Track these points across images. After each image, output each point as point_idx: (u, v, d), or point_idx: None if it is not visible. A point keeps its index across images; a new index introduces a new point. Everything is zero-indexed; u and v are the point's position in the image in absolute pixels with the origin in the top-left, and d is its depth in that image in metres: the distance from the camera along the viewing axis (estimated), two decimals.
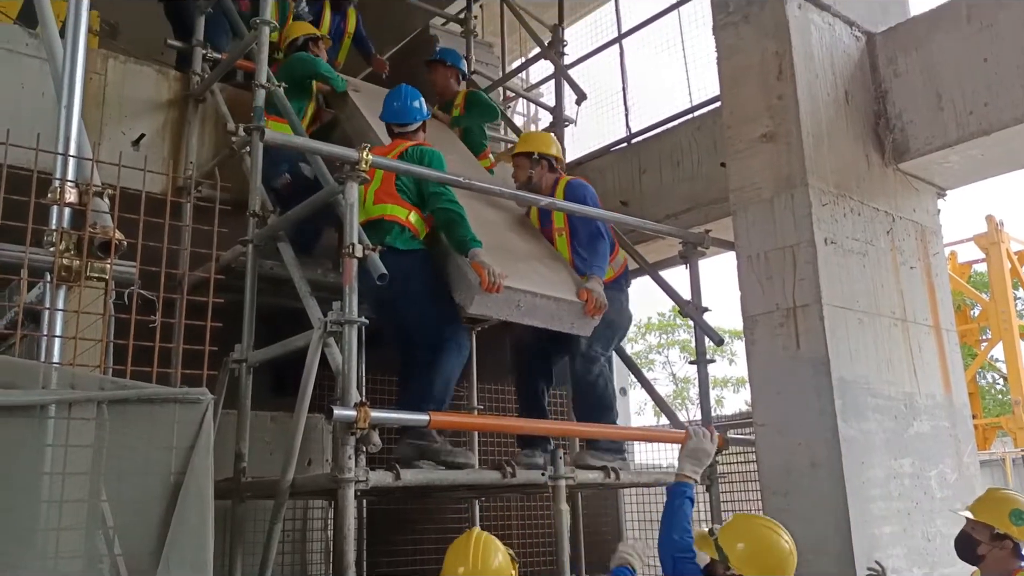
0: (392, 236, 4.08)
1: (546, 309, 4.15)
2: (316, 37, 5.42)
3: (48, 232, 2.40)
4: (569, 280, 4.40)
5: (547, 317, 4.18)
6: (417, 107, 4.53)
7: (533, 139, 5.22)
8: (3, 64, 4.56)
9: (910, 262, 4.49)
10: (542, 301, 4.12)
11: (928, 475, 4.21)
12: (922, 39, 4.45)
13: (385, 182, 4.20)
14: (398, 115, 4.50)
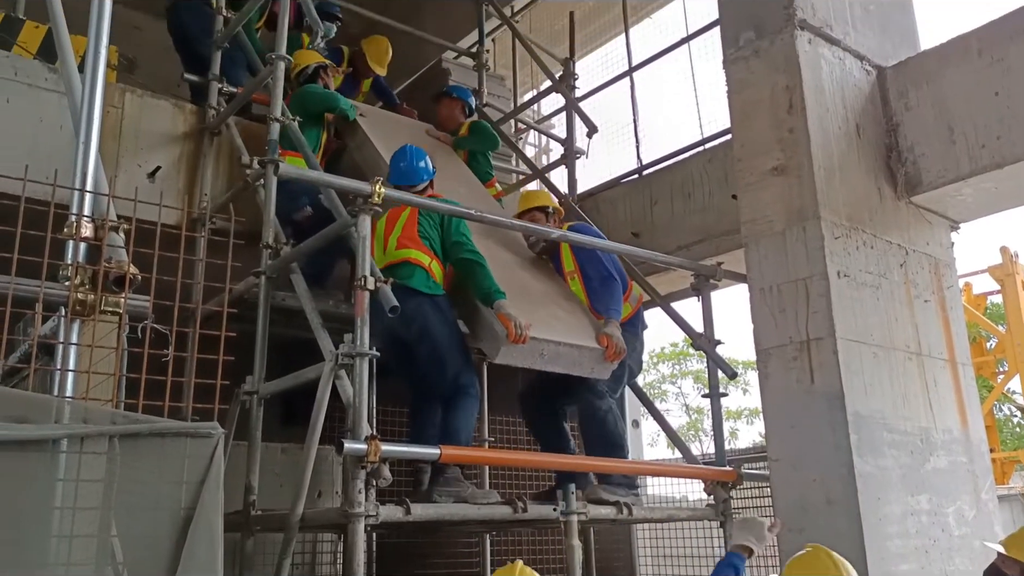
0: (415, 279, 4.14)
1: (568, 356, 4.23)
2: (326, 65, 5.48)
3: (64, 267, 2.42)
4: (588, 324, 4.47)
5: (569, 364, 4.26)
6: (423, 167, 4.62)
7: (532, 196, 5.30)
8: (22, 98, 4.63)
9: (924, 295, 4.46)
10: (565, 349, 4.21)
11: (946, 512, 4.15)
12: (933, 73, 4.46)
13: (407, 228, 4.29)
14: (406, 176, 4.56)
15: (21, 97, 4.63)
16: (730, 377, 4.75)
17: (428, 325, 4.08)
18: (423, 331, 4.07)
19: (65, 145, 4.44)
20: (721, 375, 4.83)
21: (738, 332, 5.31)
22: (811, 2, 4.35)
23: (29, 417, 2.20)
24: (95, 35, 2.97)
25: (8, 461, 2.16)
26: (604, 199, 6.45)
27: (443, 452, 3.64)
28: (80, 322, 2.41)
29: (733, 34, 4.51)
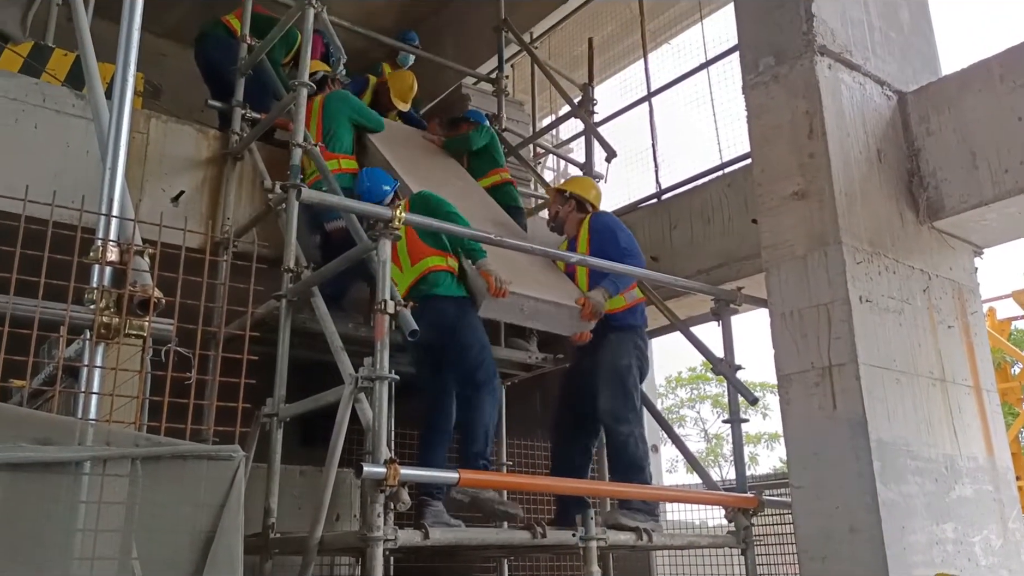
0: (442, 286, 4.36)
1: (547, 313, 4.56)
2: (333, 77, 5.60)
3: (89, 290, 2.45)
4: (568, 288, 4.78)
5: (548, 321, 4.62)
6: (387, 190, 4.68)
7: (573, 181, 5.57)
8: (50, 124, 4.71)
9: (948, 321, 4.41)
10: (543, 306, 4.53)
11: (972, 541, 4.07)
12: (954, 98, 4.44)
13: (411, 240, 4.40)
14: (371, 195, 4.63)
15: (49, 123, 4.72)
16: (751, 403, 4.72)
17: (458, 321, 4.31)
18: (453, 328, 4.29)
19: (91, 170, 4.51)
20: (741, 400, 4.80)
21: (756, 354, 5.29)
22: (831, 28, 4.36)
23: (53, 439, 2.22)
24: (123, 63, 3.02)
25: (32, 483, 2.18)
26: (623, 223, 6.44)
27: (462, 476, 3.63)
28: (104, 345, 2.43)
29: (752, 60, 4.53)
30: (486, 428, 4.24)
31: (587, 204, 5.19)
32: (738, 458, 4.77)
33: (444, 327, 4.28)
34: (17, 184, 2.52)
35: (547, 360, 5.54)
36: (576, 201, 5.20)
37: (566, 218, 5.19)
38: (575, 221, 5.12)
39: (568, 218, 5.18)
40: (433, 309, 4.27)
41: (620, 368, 4.60)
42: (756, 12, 4.59)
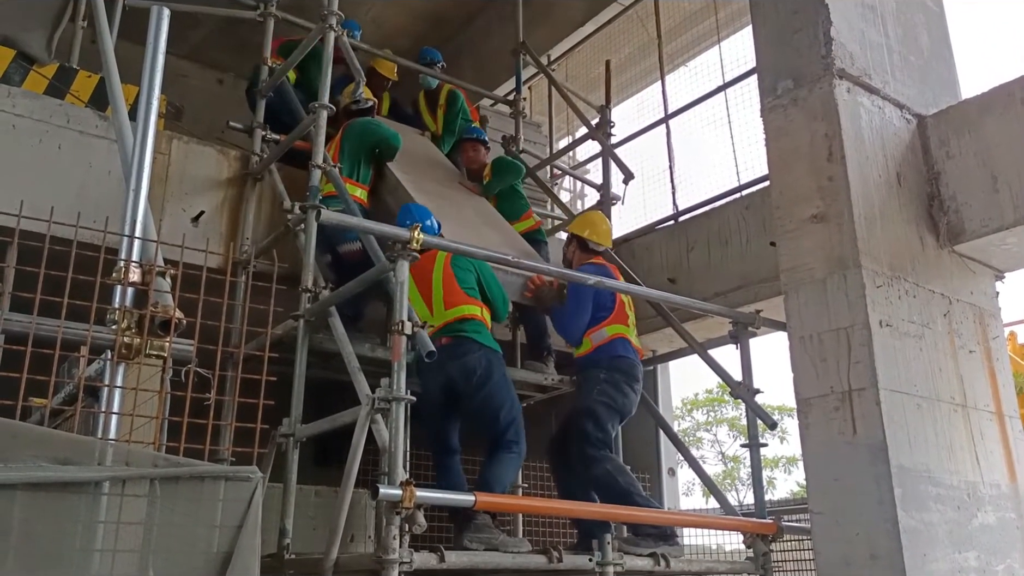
0: (482, 335, 4.40)
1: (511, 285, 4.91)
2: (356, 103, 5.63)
3: (111, 310, 2.47)
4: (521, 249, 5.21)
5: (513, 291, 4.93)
6: (429, 225, 4.71)
7: (574, 219, 5.61)
8: (74, 145, 4.77)
9: (969, 346, 4.37)
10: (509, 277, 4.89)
11: (995, 570, 4.00)
12: (975, 122, 4.42)
13: (448, 285, 4.45)
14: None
15: (73, 144, 4.78)
16: (770, 427, 4.68)
17: (492, 376, 4.30)
18: (485, 381, 4.28)
19: (113, 190, 4.57)
20: (760, 424, 4.76)
21: (774, 378, 5.25)
22: (849, 51, 4.36)
23: (72, 459, 2.23)
24: (147, 86, 3.06)
25: (51, 502, 2.19)
26: (640, 245, 6.45)
27: (478, 499, 3.61)
28: (125, 365, 2.45)
29: (771, 83, 4.52)
30: (504, 488, 4.27)
31: (587, 242, 5.17)
32: (757, 482, 4.73)
33: (474, 374, 4.27)
34: (41, 204, 2.55)
35: (563, 382, 5.52)
36: (576, 239, 5.23)
37: (572, 258, 5.24)
38: (581, 260, 5.14)
39: (575, 258, 5.22)
40: (468, 352, 4.29)
41: (581, 411, 4.71)
42: (774, 35, 4.60)
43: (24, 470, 2.14)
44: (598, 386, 4.72)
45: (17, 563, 2.13)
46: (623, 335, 4.86)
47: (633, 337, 4.94)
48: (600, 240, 5.23)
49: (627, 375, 4.76)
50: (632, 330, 4.96)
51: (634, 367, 4.82)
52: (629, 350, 4.84)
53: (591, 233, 5.21)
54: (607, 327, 4.86)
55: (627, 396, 4.73)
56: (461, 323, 4.38)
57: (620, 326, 4.87)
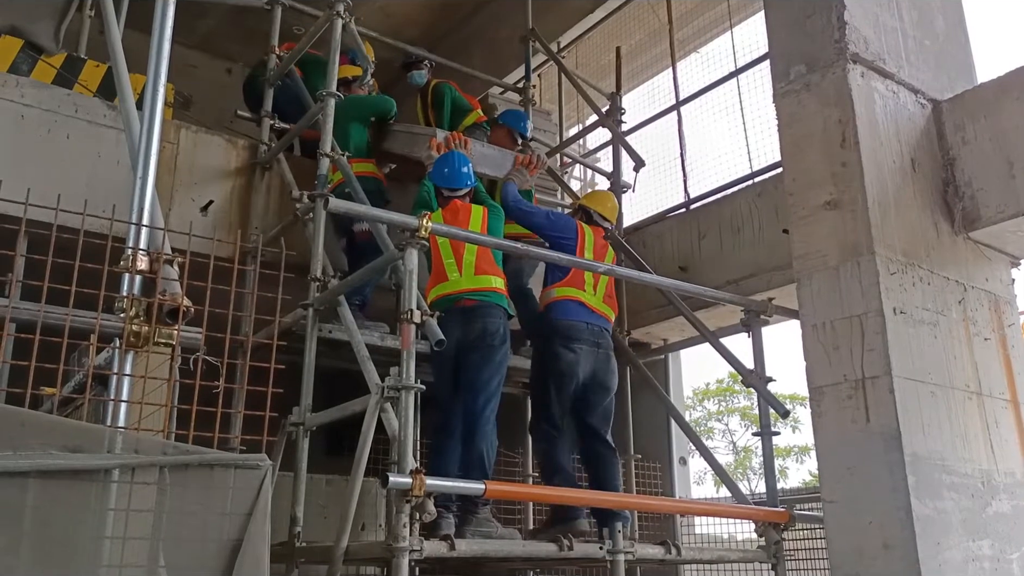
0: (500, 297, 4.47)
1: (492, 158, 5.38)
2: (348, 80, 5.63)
3: (119, 299, 2.47)
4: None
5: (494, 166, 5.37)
6: (466, 173, 4.79)
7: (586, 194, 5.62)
8: (82, 134, 4.78)
9: (984, 333, 4.32)
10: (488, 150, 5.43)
11: (1010, 558, 3.97)
12: (991, 106, 4.36)
13: (481, 251, 4.48)
14: (447, 179, 4.75)
15: (81, 133, 4.78)
16: (782, 416, 4.65)
17: (504, 345, 4.39)
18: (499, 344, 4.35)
19: (122, 179, 4.57)
20: (772, 412, 4.73)
21: (784, 367, 5.21)
22: (863, 36, 4.30)
23: (83, 446, 2.23)
24: (154, 74, 3.05)
25: (62, 490, 2.19)
26: (651, 233, 6.41)
27: (488, 488, 3.60)
28: (134, 353, 2.45)
29: (783, 68, 4.47)
30: (491, 458, 4.25)
31: (591, 214, 5.19)
32: (769, 471, 4.70)
33: (493, 336, 4.33)
34: (50, 193, 2.54)
35: None
36: (582, 210, 5.25)
37: None
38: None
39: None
40: (494, 316, 4.38)
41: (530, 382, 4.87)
42: (787, 20, 4.54)
43: (35, 458, 2.14)
44: (537, 353, 4.80)
45: (29, 550, 2.14)
46: (575, 298, 4.79)
47: (592, 301, 4.84)
48: (605, 214, 5.25)
49: (564, 336, 4.68)
50: (593, 295, 4.84)
51: (572, 328, 4.71)
52: (578, 313, 4.76)
53: (598, 206, 5.25)
54: (556, 288, 4.84)
55: (561, 359, 4.63)
56: (488, 293, 4.44)
57: (573, 289, 4.82)
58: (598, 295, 4.85)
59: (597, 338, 4.75)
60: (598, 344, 4.74)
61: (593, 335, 4.73)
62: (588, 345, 4.69)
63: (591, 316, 4.78)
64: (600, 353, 4.73)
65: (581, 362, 4.64)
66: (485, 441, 4.22)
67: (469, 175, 4.80)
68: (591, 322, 4.76)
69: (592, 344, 4.71)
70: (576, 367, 4.63)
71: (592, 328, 4.75)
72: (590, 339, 4.71)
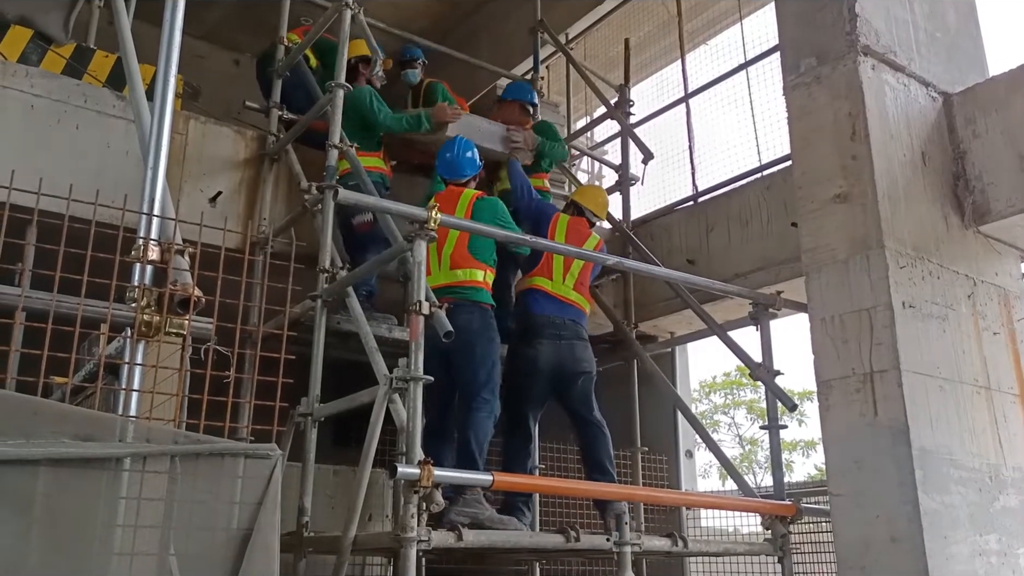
0: (480, 294, 4.40)
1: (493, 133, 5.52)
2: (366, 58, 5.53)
3: (130, 288, 2.47)
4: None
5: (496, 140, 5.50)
6: (470, 158, 4.75)
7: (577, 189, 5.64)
8: (91, 125, 4.78)
9: (993, 327, 4.31)
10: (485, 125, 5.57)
11: (1016, 553, 3.97)
12: (1002, 100, 4.34)
13: (459, 245, 4.33)
14: (451, 168, 4.73)
15: (90, 124, 4.79)
16: (790, 409, 4.65)
17: (480, 335, 4.29)
18: (472, 340, 4.24)
19: (131, 170, 4.58)
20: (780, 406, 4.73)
21: (790, 362, 5.21)
22: (874, 28, 4.28)
23: (94, 435, 2.25)
24: (164, 65, 3.06)
25: (73, 478, 2.20)
26: (659, 226, 6.40)
27: (495, 479, 3.61)
28: (145, 343, 2.46)
29: (794, 60, 4.46)
30: (481, 448, 4.20)
31: (583, 210, 5.19)
32: (776, 464, 4.71)
33: (469, 332, 4.23)
34: (60, 183, 2.55)
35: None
36: (574, 206, 5.24)
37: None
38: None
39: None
40: (465, 312, 4.28)
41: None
42: (798, 12, 4.52)
43: (46, 446, 2.15)
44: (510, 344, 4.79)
45: (40, 537, 2.15)
46: (540, 287, 4.82)
47: (562, 290, 4.84)
48: (595, 210, 5.26)
49: (525, 331, 4.72)
50: (562, 283, 4.85)
51: (532, 322, 4.73)
52: (541, 306, 4.78)
53: (587, 201, 5.25)
54: (527, 278, 4.88)
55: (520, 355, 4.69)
56: (460, 289, 4.38)
57: (541, 278, 4.84)
58: (567, 283, 4.86)
59: (559, 330, 4.75)
60: (560, 336, 4.74)
61: (555, 327, 4.74)
62: (548, 339, 4.71)
63: (555, 307, 4.79)
64: (563, 344, 4.73)
65: (541, 358, 4.67)
66: (475, 432, 4.19)
67: (473, 162, 4.75)
68: (554, 314, 4.77)
69: (553, 337, 4.72)
70: (536, 363, 4.67)
71: (555, 320, 4.76)
72: (551, 332, 4.73)
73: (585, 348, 4.82)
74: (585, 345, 4.83)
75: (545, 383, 4.74)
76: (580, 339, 4.81)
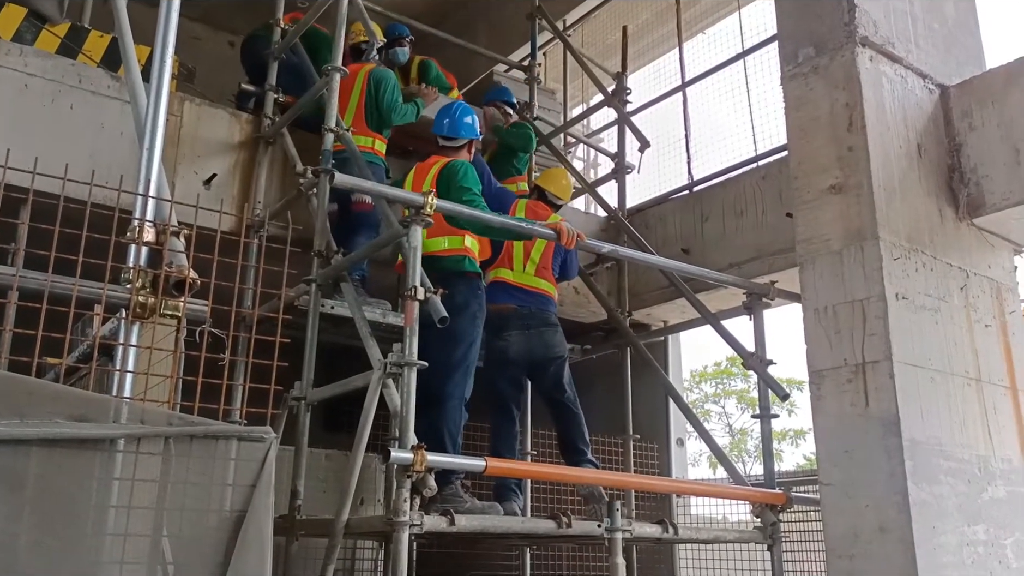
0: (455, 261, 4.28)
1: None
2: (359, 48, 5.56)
3: (125, 270, 2.47)
4: None
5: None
6: (469, 124, 4.65)
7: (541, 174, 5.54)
8: (86, 105, 4.75)
9: (985, 320, 4.33)
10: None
11: (1004, 543, 4.01)
12: (999, 93, 4.34)
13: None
14: (446, 129, 4.63)
15: (85, 104, 4.75)
16: (782, 399, 4.67)
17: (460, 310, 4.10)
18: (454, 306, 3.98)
19: (126, 151, 4.56)
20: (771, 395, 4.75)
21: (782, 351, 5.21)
22: (873, 19, 4.28)
23: (88, 416, 2.24)
24: (161, 47, 3.04)
25: (67, 458, 2.20)
26: (654, 214, 6.41)
27: (488, 465, 3.62)
28: (140, 324, 2.45)
29: (791, 50, 4.45)
30: (454, 439, 4.10)
31: (545, 194, 5.21)
32: (767, 453, 4.73)
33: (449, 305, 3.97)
34: (54, 163, 2.54)
35: (573, 351, 5.52)
36: (538, 190, 5.24)
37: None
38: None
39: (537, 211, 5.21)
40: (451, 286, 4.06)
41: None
42: (797, 2, 4.51)
43: (40, 426, 2.15)
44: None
45: (33, 517, 2.15)
46: (501, 279, 4.83)
47: (524, 279, 4.85)
48: (558, 193, 5.26)
49: (492, 324, 4.64)
50: (523, 271, 4.86)
51: (498, 315, 4.69)
52: (504, 297, 4.77)
53: (550, 185, 5.25)
54: (490, 271, 4.86)
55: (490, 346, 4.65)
56: (442, 259, 4.26)
57: (502, 270, 4.85)
58: (528, 271, 4.86)
59: (526, 320, 4.75)
60: (528, 326, 4.74)
61: (521, 318, 4.75)
62: (516, 329, 4.72)
63: (520, 297, 4.79)
64: (532, 333, 4.73)
65: (511, 349, 4.69)
66: (446, 421, 4.10)
67: (471, 128, 4.64)
68: (520, 304, 4.77)
69: (521, 328, 4.73)
70: (507, 354, 4.69)
71: (521, 311, 4.76)
72: (518, 323, 4.73)
73: (555, 333, 4.83)
74: (555, 330, 4.84)
75: (519, 372, 4.80)
76: (549, 325, 4.81)
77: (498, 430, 4.74)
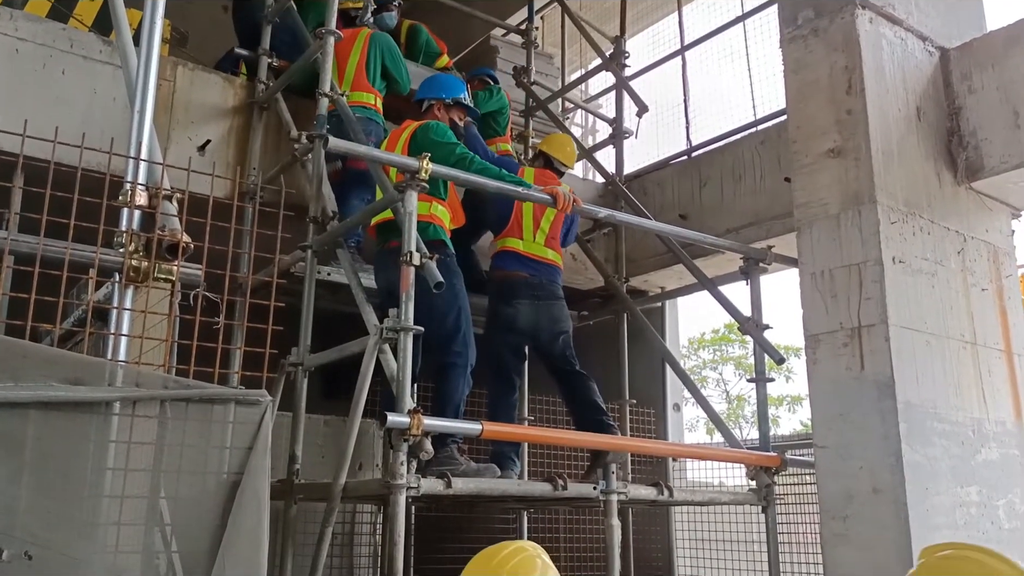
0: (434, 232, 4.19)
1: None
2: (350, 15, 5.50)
3: (118, 233, 2.46)
4: None
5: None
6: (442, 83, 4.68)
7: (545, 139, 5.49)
8: (78, 70, 4.69)
9: (981, 284, 4.34)
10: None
11: (996, 504, 4.05)
12: (999, 55, 4.30)
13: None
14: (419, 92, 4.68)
15: (76, 69, 4.70)
16: (777, 362, 4.69)
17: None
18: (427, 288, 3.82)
19: (118, 116, 4.52)
20: (768, 360, 4.77)
21: (779, 317, 5.22)
22: None
23: (84, 379, 2.25)
24: (151, 9, 3.00)
25: (63, 421, 2.21)
26: (652, 180, 6.38)
27: (485, 428, 3.64)
28: (134, 288, 2.45)
29: (791, 13, 4.40)
30: (456, 406, 4.10)
31: (552, 161, 5.15)
32: (762, 417, 4.76)
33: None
34: (45, 128, 2.51)
35: (572, 317, 5.52)
36: (544, 156, 5.19)
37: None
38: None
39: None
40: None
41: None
42: None
43: (35, 389, 2.15)
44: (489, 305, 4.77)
45: (30, 480, 2.17)
46: (511, 248, 4.79)
47: (534, 249, 4.81)
48: (563, 159, 5.20)
49: (501, 292, 4.69)
50: (533, 241, 4.82)
51: (507, 283, 4.70)
52: (514, 265, 4.74)
53: (556, 151, 5.19)
54: (497, 240, 4.85)
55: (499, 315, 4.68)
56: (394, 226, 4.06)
57: (511, 239, 4.81)
58: (538, 240, 4.82)
59: (536, 290, 4.71)
60: (537, 296, 4.70)
61: (531, 288, 4.71)
62: (526, 298, 4.68)
63: (528, 266, 4.75)
64: (540, 305, 4.70)
65: (520, 318, 4.66)
66: (450, 394, 4.11)
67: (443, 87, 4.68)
68: (529, 273, 4.73)
69: (531, 298, 4.69)
70: (515, 322, 4.65)
71: (531, 281, 4.72)
72: (528, 292, 4.70)
73: (562, 308, 4.81)
74: (562, 304, 4.82)
75: (523, 340, 4.79)
76: (557, 298, 4.79)
77: (497, 398, 4.73)
